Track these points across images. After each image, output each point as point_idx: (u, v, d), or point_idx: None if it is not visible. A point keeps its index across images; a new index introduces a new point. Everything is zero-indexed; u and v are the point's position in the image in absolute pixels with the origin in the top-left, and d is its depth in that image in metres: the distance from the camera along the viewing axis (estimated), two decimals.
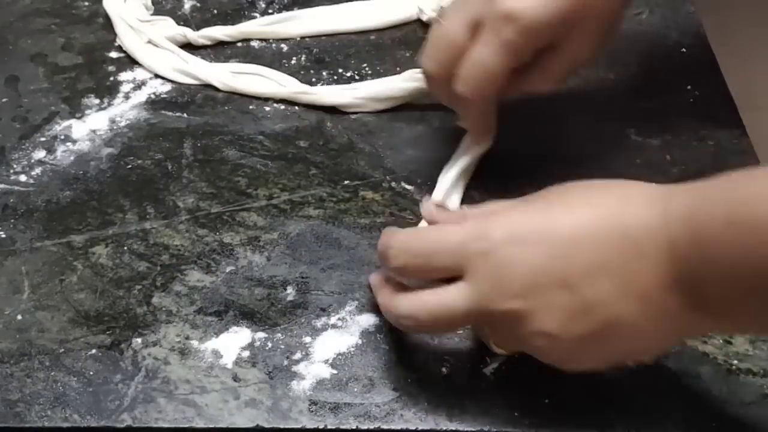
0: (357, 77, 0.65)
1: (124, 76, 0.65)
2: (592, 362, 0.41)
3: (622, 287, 0.38)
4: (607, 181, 0.41)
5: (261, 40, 0.68)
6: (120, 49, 0.68)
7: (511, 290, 0.39)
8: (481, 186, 0.56)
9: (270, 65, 0.65)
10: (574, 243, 0.39)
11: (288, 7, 0.71)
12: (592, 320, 0.38)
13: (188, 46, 0.67)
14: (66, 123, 0.61)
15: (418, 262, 0.42)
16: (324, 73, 0.65)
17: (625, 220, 0.38)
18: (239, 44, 0.68)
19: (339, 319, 0.49)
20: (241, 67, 0.64)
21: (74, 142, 0.60)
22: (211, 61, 0.66)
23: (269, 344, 0.48)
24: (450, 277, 0.41)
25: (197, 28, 0.69)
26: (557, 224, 0.40)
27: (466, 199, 0.55)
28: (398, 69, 0.65)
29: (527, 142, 0.60)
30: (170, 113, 0.62)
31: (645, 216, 0.38)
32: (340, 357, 0.47)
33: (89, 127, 0.61)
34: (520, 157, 0.58)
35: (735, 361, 0.47)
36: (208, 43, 0.68)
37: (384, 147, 0.59)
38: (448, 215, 0.46)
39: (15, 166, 0.58)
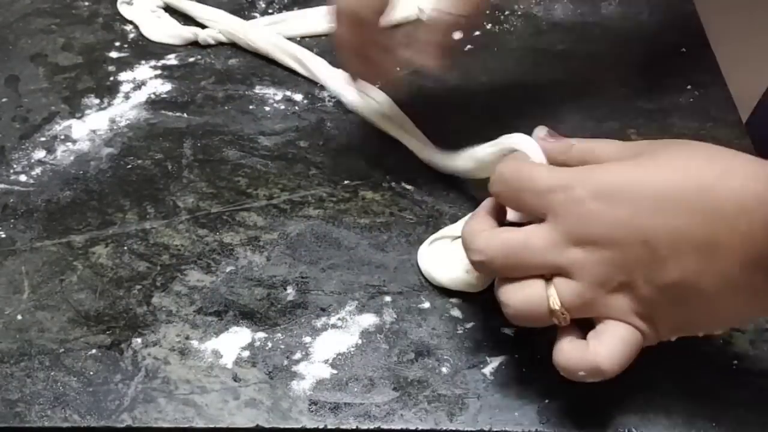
0: None
1: (124, 76, 0.65)
2: (670, 325, 0.41)
3: (704, 257, 0.38)
4: (711, 148, 0.41)
5: None
6: (120, 49, 0.68)
7: (589, 239, 0.40)
8: (482, 185, 0.56)
9: (270, 64, 0.66)
10: (660, 204, 0.39)
11: (288, 7, 0.71)
12: (668, 278, 0.39)
13: (194, 45, 0.68)
14: (66, 123, 0.61)
15: (509, 194, 0.43)
16: None
17: (719, 193, 0.38)
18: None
19: (339, 319, 0.49)
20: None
21: (74, 142, 0.60)
22: (211, 60, 0.66)
23: (269, 344, 0.48)
24: (537, 220, 0.42)
25: (199, 28, 0.69)
26: (647, 183, 0.39)
27: (466, 199, 0.55)
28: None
29: None
30: (170, 113, 0.62)
31: (741, 193, 0.38)
32: (340, 357, 0.47)
33: (89, 127, 0.61)
34: None
35: (735, 361, 0.47)
36: (213, 42, 0.68)
37: (384, 147, 0.59)
38: (554, 146, 0.46)
39: (15, 166, 0.58)
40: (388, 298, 0.50)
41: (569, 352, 0.41)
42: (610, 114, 0.62)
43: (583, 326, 0.42)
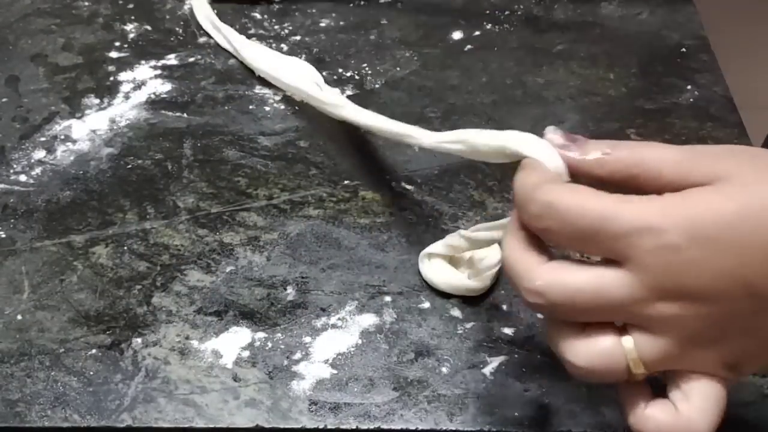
0: (357, 77, 0.65)
1: (124, 76, 0.65)
2: (757, 367, 0.36)
3: None
4: None
5: (262, 39, 0.68)
6: (120, 49, 0.68)
7: (684, 293, 0.33)
8: (482, 185, 0.56)
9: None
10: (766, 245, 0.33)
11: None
12: None
13: (194, 45, 0.68)
14: (66, 123, 0.61)
15: (567, 235, 0.35)
16: (324, 73, 0.65)
17: None
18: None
19: (339, 319, 0.49)
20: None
21: (74, 142, 0.60)
22: (211, 60, 0.66)
23: (269, 344, 0.48)
24: (609, 264, 0.35)
25: (197, 28, 0.69)
26: (750, 221, 0.33)
27: (466, 199, 0.55)
28: (398, 69, 0.65)
29: None
30: (170, 113, 0.62)
31: None
32: (340, 357, 0.47)
33: (89, 127, 0.61)
34: None
35: None
36: None
37: (384, 147, 0.59)
38: (586, 162, 0.37)
39: (15, 166, 0.58)
40: (388, 298, 0.50)
41: (659, 420, 0.36)
42: (610, 114, 0.62)
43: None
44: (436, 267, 0.50)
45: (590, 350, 0.35)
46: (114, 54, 0.67)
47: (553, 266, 0.35)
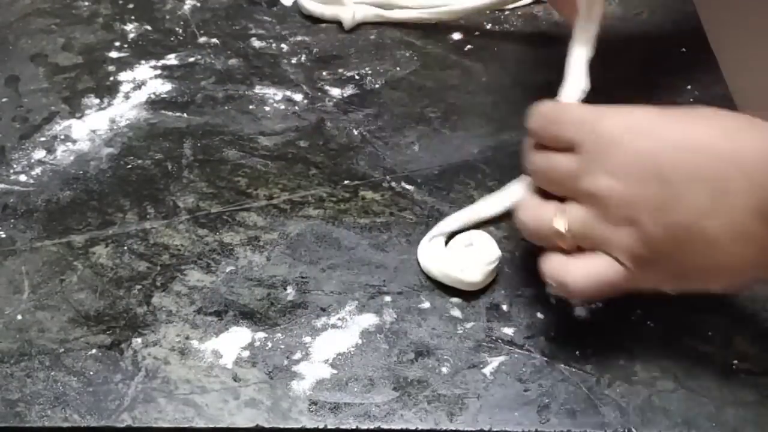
0: (357, 77, 0.65)
1: (124, 76, 0.65)
2: (669, 273, 0.42)
3: (715, 199, 0.40)
4: (730, 112, 0.43)
5: (262, 39, 0.68)
6: (120, 49, 0.68)
7: (608, 166, 0.42)
8: (481, 185, 0.56)
9: (270, 64, 0.66)
10: (683, 146, 0.41)
11: None
12: (676, 218, 0.40)
13: (194, 45, 0.68)
14: (66, 123, 0.61)
15: (541, 127, 0.46)
16: (324, 73, 0.65)
17: (742, 139, 0.40)
18: (240, 44, 0.68)
19: (339, 319, 0.49)
20: None
21: (74, 142, 0.60)
22: (211, 60, 0.66)
23: (269, 344, 0.48)
24: (567, 151, 0.44)
25: (197, 28, 0.69)
26: (673, 127, 0.42)
27: (466, 199, 0.55)
28: (398, 69, 0.65)
29: None
30: (170, 113, 0.62)
31: (760, 144, 0.40)
32: (340, 357, 0.47)
33: (89, 127, 0.61)
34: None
35: (735, 361, 0.47)
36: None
37: (384, 147, 0.59)
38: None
39: (15, 166, 0.58)
40: (388, 298, 0.50)
41: (551, 263, 0.44)
42: None
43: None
44: (434, 258, 0.50)
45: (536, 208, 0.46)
46: (114, 54, 0.67)
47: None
